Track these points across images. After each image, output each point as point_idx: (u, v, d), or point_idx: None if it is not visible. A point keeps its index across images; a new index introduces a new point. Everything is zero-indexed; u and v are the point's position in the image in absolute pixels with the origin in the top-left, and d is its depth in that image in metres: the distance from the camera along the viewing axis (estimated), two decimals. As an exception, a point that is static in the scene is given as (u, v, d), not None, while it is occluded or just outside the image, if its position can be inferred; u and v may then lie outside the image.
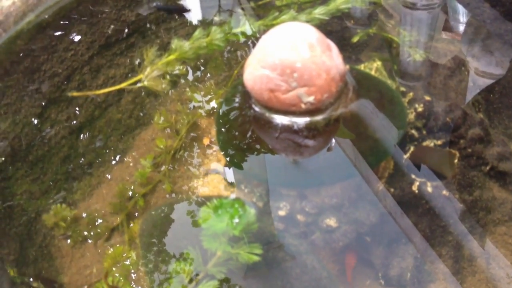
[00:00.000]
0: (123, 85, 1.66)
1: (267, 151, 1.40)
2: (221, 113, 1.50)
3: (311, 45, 1.21)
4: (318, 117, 1.32)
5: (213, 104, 1.63)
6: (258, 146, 1.41)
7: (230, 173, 1.47)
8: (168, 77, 1.66)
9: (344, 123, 1.37)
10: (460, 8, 1.77)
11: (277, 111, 1.32)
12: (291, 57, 1.20)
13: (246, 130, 1.43)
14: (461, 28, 1.76)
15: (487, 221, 1.50)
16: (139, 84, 1.64)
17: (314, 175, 1.36)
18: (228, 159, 1.44)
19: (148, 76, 1.63)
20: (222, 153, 1.46)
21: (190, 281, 1.21)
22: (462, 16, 1.77)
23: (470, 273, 1.46)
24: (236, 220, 1.16)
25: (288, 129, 1.35)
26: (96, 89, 1.67)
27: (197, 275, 1.22)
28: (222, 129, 1.46)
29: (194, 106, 1.65)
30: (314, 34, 1.23)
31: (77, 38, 1.79)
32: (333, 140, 1.39)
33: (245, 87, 1.34)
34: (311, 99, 1.24)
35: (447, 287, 1.45)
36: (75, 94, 1.64)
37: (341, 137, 1.37)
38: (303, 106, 1.26)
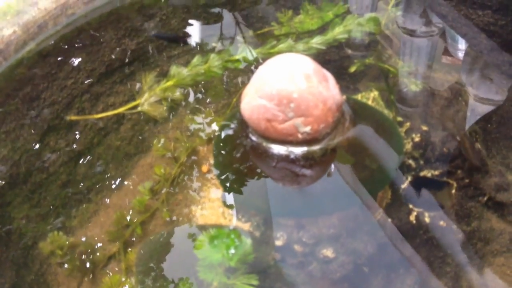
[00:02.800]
0: (121, 109, 1.67)
1: (265, 180, 1.40)
2: (218, 141, 1.50)
3: (307, 76, 1.22)
4: (315, 147, 1.33)
5: (212, 131, 1.64)
6: (255, 176, 1.41)
7: (227, 202, 1.47)
8: (166, 103, 1.67)
9: (341, 153, 1.37)
10: (459, 36, 1.79)
11: (274, 141, 1.33)
12: (288, 87, 1.21)
13: (244, 159, 1.43)
14: (460, 55, 1.78)
15: (485, 252, 1.49)
16: (137, 109, 1.65)
17: (312, 204, 1.36)
18: (225, 188, 1.44)
19: (147, 101, 1.64)
20: (220, 181, 1.46)
21: (186, 311, 1.21)
22: (461, 44, 1.79)
23: (469, 305, 1.45)
24: (232, 251, 1.16)
25: (285, 158, 1.36)
26: (95, 117, 1.68)
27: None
28: (220, 158, 1.46)
29: (193, 133, 1.66)
30: (310, 65, 1.25)
31: (77, 66, 1.80)
32: (332, 166, 1.40)
33: (242, 116, 1.34)
34: (308, 129, 1.24)
35: (445, 319, 1.44)
36: (73, 118, 1.65)
37: (340, 163, 1.38)
38: (300, 136, 1.27)
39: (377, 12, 1.89)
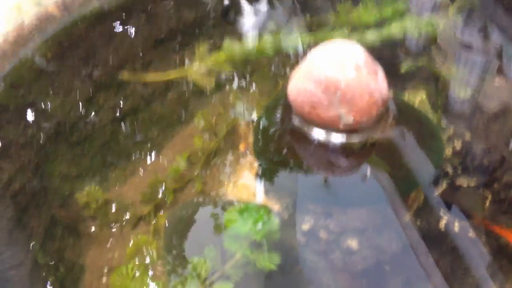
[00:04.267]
0: (171, 75, 1.71)
1: (300, 164, 1.42)
2: (260, 122, 1.53)
3: (357, 66, 1.23)
4: (355, 139, 1.34)
5: (255, 112, 1.66)
6: (291, 159, 1.43)
7: (260, 181, 1.50)
8: (215, 75, 1.70)
9: (380, 149, 1.38)
10: None
11: (315, 127, 1.34)
12: (336, 75, 1.22)
13: (283, 141, 1.45)
14: None
15: (510, 269, 1.48)
16: (187, 77, 1.69)
17: (343, 195, 1.36)
18: (261, 167, 1.46)
19: (196, 71, 1.67)
20: (256, 160, 1.48)
21: (206, 279, 1.24)
22: None
23: (486, 320, 1.44)
24: (260, 225, 1.18)
25: (323, 146, 1.37)
26: (146, 78, 1.72)
27: (213, 273, 1.24)
28: (259, 137, 1.48)
29: (236, 111, 1.68)
30: (362, 55, 1.25)
31: (134, 30, 1.85)
32: (368, 170, 1.40)
33: (288, 99, 1.36)
34: (350, 119, 1.25)
35: (461, 329, 1.44)
36: (125, 77, 1.69)
37: (377, 158, 1.38)
38: (341, 125, 1.28)
39: (437, 17, 1.87)
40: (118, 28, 1.85)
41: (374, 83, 1.26)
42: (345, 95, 1.24)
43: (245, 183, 1.50)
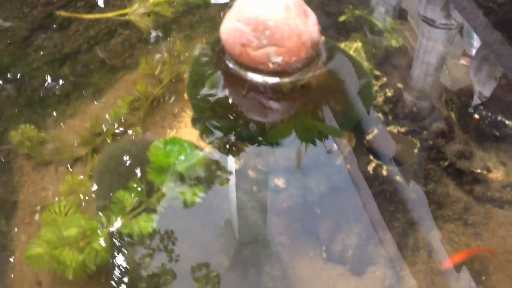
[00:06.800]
0: (110, 14, 1.70)
1: (234, 107, 1.43)
2: (196, 65, 1.53)
3: (287, 7, 1.25)
4: (285, 80, 1.36)
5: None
6: (226, 101, 1.44)
7: (197, 123, 1.51)
8: (154, 16, 1.69)
9: (310, 91, 1.40)
10: (474, 34, 1.78)
11: (247, 68, 1.36)
12: (265, 14, 1.23)
13: (217, 85, 1.46)
14: (473, 51, 1.77)
15: (437, 216, 1.53)
16: (125, 17, 1.68)
17: (273, 135, 1.39)
18: (196, 109, 1.47)
19: (136, 11, 1.67)
20: (190, 102, 1.49)
21: (132, 210, 1.25)
22: (475, 41, 1.79)
23: (411, 263, 1.48)
24: (182, 157, 1.19)
25: (255, 87, 1.39)
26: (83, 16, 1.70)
27: (139, 205, 1.26)
28: (195, 81, 1.49)
29: (181, 60, 1.68)
30: (292, -3, 1.27)
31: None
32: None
33: (221, 40, 1.37)
34: (279, 59, 1.27)
35: (385, 273, 1.48)
36: (63, 13, 1.67)
37: (307, 100, 1.40)
38: (271, 65, 1.29)
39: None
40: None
41: (304, 25, 1.28)
42: (274, 34, 1.25)
43: (188, 130, 1.51)
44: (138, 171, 1.34)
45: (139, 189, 1.24)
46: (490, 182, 1.55)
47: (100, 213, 1.28)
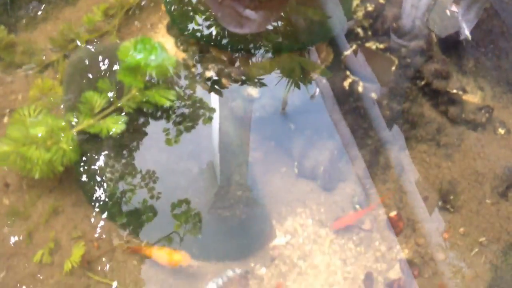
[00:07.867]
0: None
1: (210, 14, 1.39)
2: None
3: None
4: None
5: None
6: (201, 7, 1.40)
7: (170, 29, 1.48)
8: None
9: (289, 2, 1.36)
10: None
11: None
12: None
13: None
14: None
15: (410, 135, 1.53)
16: None
17: (247, 42, 1.35)
18: (171, 16, 1.43)
19: None
20: (167, 11, 1.45)
21: (101, 111, 1.23)
22: None
23: (381, 181, 1.50)
24: (153, 57, 1.16)
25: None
26: None
27: (108, 107, 1.24)
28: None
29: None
30: None
31: None
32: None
33: None
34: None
35: (355, 190, 1.49)
36: None
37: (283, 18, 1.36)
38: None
39: None
40: None
41: None
42: None
43: (163, 40, 1.47)
44: (108, 74, 1.31)
45: (108, 91, 1.22)
46: (465, 104, 1.55)
47: (68, 113, 1.26)
